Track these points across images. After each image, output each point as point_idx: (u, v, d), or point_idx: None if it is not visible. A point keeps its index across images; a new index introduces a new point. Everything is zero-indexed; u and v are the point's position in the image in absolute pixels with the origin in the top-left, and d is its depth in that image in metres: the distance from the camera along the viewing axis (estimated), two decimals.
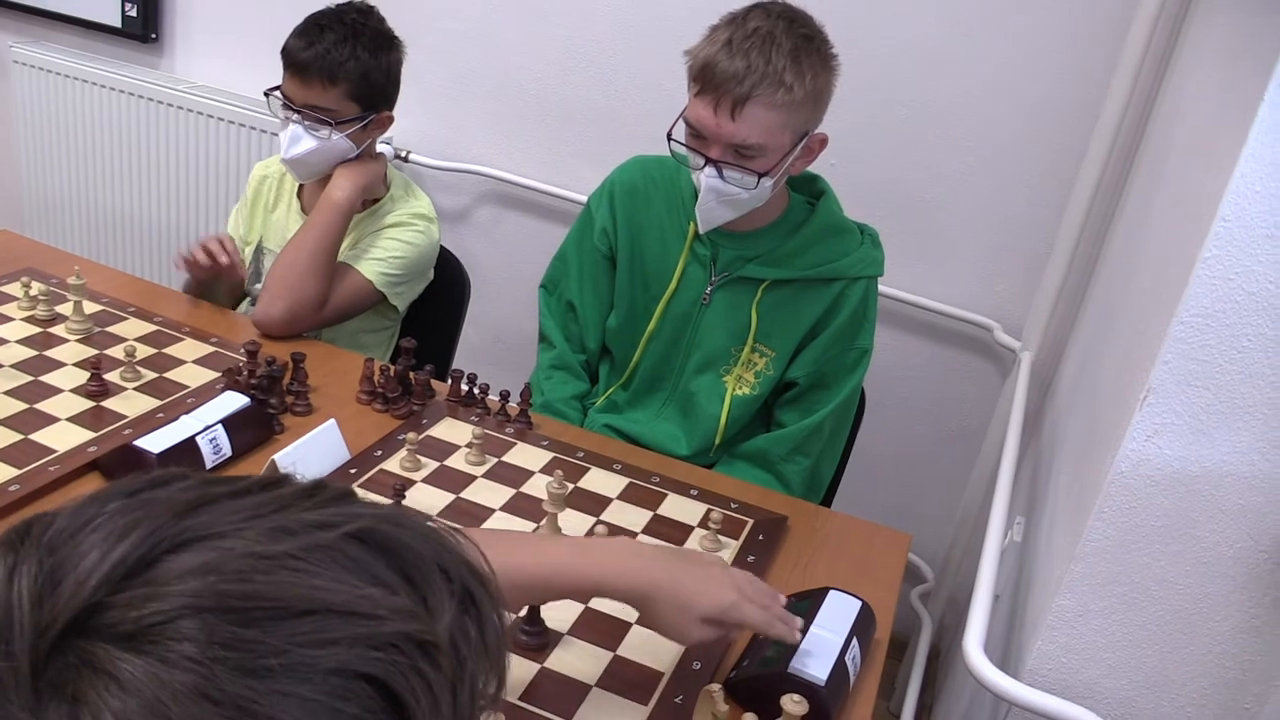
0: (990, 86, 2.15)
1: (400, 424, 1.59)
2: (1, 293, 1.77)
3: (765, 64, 1.45)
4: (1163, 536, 1.10)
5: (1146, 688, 1.16)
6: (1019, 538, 1.70)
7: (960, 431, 2.40)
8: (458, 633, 0.51)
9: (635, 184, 1.77)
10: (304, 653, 0.45)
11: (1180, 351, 1.04)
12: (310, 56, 1.75)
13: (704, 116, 1.51)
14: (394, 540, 0.52)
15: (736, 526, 1.46)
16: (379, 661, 0.47)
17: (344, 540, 0.50)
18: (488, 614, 0.54)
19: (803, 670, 1.12)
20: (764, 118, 1.48)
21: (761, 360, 1.70)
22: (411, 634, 0.48)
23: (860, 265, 1.67)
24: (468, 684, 0.51)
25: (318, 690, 0.45)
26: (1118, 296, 1.56)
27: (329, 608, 0.47)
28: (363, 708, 0.46)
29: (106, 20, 2.95)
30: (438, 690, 0.49)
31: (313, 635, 0.45)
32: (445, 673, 0.49)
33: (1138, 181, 1.83)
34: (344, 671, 0.46)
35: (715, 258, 1.69)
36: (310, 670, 0.45)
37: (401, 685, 0.47)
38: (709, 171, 1.53)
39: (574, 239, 1.84)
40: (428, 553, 0.52)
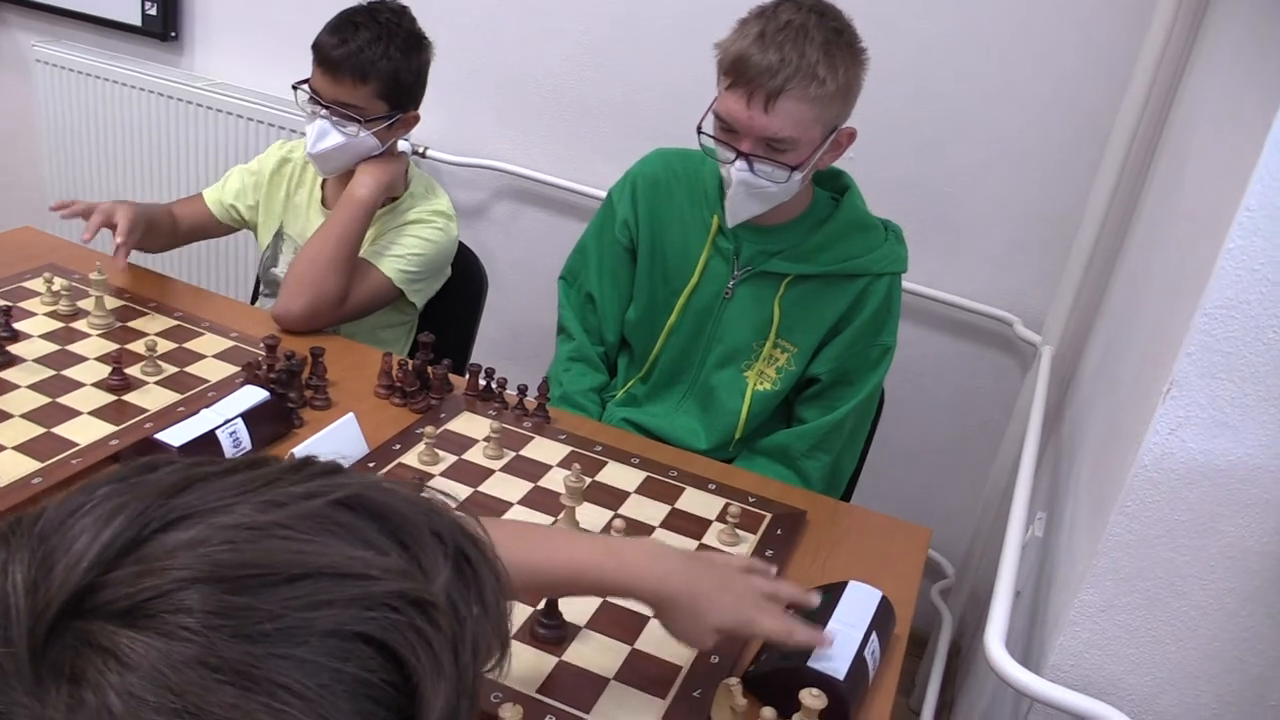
0: (1009, 79, 2.13)
1: (418, 418, 1.59)
2: (24, 288, 1.78)
3: (799, 57, 1.45)
4: (1187, 531, 1.09)
5: (1170, 684, 1.15)
6: (1040, 533, 1.69)
7: (981, 426, 2.38)
8: (455, 592, 0.52)
9: (657, 176, 1.76)
10: (298, 616, 0.45)
11: (1204, 343, 1.02)
12: (343, 54, 1.75)
13: (736, 110, 1.50)
14: (383, 505, 0.52)
15: (754, 521, 1.45)
16: (374, 621, 0.47)
17: (332, 507, 0.50)
18: (485, 576, 0.54)
19: (821, 665, 1.11)
20: (796, 111, 1.48)
21: (783, 356, 1.69)
22: (405, 592, 0.49)
23: (885, 261, 1.66)
24: (469, 643, 0.51)
25: (315, 652, 0.45)
26: (1140, 289, 1.55)
27: (320, 571, 0.47)
28: (362, 667, 0.46)
29: (127, 19, 2.97)
30: (438, 648, 0.49)
31: (306, 599, 0.46)
32: (444, 631, 0.49)
33: (1160, 172, 1.81)
34: (340, 633, 0.46)
35: (738, 252, 1.68)
36: (306, 633, 0.45)
37: (399, 643, 0.47)
38: (739, 165, 1.53)
39: (594, 231, 1.83)
40: (418, 516, 0.53)
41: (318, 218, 1.95)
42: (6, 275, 1.81)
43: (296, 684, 0.44)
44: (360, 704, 0.46)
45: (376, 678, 0.46)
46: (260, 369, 1.57)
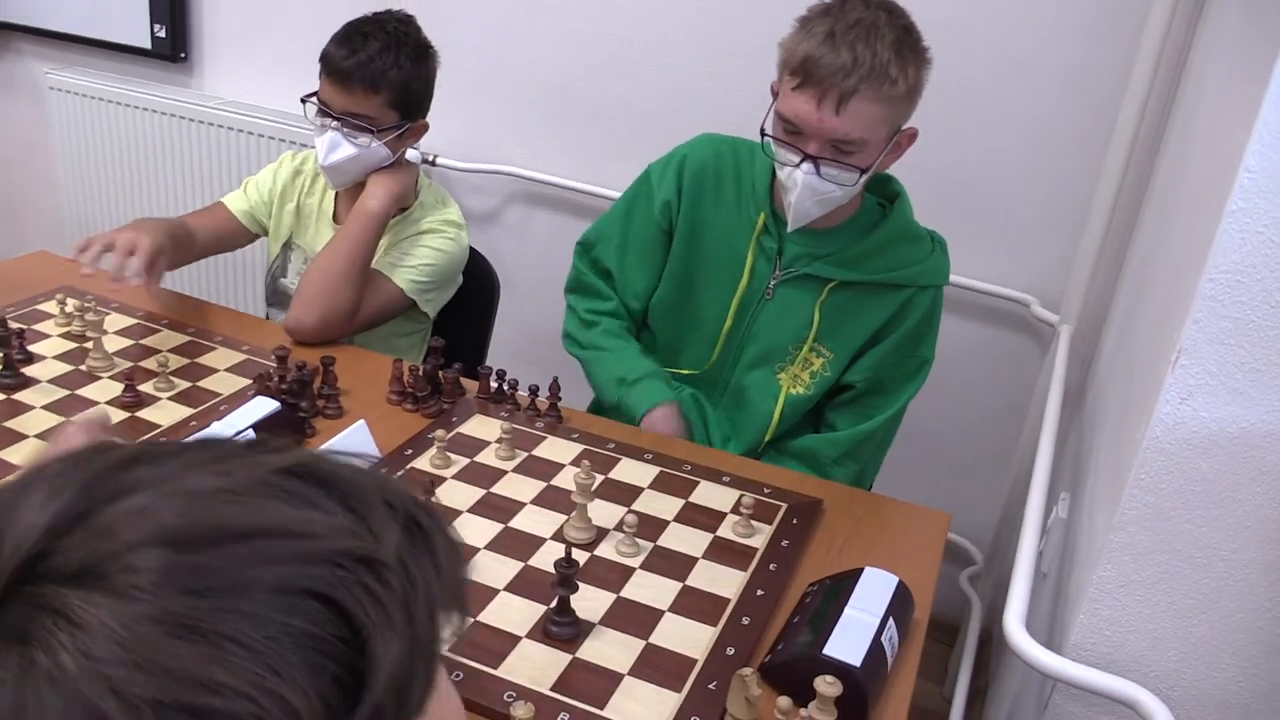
0: (1016, 60, 2.11)
1: (431, 422, 1.59)
2: (39, 310, 1.80)
3: (871, 56, 1.41)
4: (1203, 501, 1.07)
5: (1195, 658, 1.13)
6: (1064, 514, 1.67)
7: (1004, 410, 2.36)
8: (406, 554, 0.52)
9: (706, 164, 1.70)
10: (245, 572, 0.46)
11: (1211, 309, 1.00)
12: (353, 65, 1.75)
13: (805, 111, 1.45)
14: (331, 473, 0.53)
15: (770, 511, 1.44)
16: (321, 577, 0.47)
17: (279, 475, 0.51)
18: (439, 541, 0.55)
19: (837, 653, 1.10)
20: (868, 112, 1.44)
21: (818, 360, 1.67)
22: (352, 550, 0.49)
23: (930, 274, 1.64)
24: (423, 604, 0.52)
25: (262, 606, 0.45)
26: (1152, 261, 1.53)
27: (267, 531, 0.48)
28: (310, 622, 0.46)
29: (137, 42, 2.99)
30: (388, 605, 0.49)
31: (252, 556, 0.47)
32: (395, 589, 0.49)
33: (1171, 144, 1.79)
34: (286, 588, 0.46)
35: (781, 251, 1.65)
36: (253, 588, 0.46)
37: (347, 599, 0.47)
38: (806, 168, 1.48)
39: (623, 207, 1.78)
40: (368, 483, 0.53)
41: (327, 229, 1.95)
42: (22, 299, 1.83)
43: (244, 636, 0.44)
44: (309, 657, 0.46)
45: (325, 632, 0.47)
46: (271, 380, 1.57)
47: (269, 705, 0.44)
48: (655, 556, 1.32)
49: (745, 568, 1.31)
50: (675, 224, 1.71)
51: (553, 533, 1.34)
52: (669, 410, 1.68)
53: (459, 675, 1.08)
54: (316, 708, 0.45)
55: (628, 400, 1.69)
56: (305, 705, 0.45)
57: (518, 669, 1.10)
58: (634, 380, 1.70)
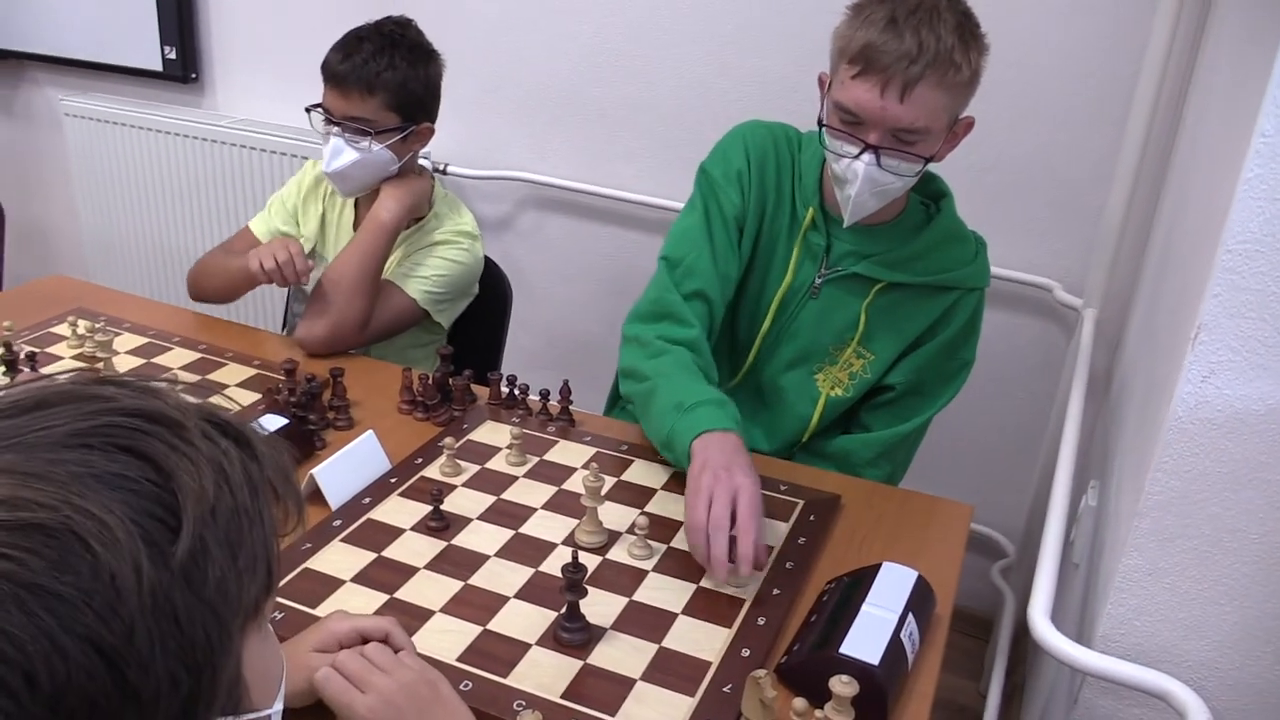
0: (1029, 40, 2.07)
1: (441, 430, 1.57)
2: (52, 333, 1.80)
3: (936, 42, 1.35)
4: (1230, 483, 1.03)
5: (1228, 646, 1.08)
6: (1094, 502, 1.62)
7: (1030, 398, 2.31)
8: (210, 431, 0.57)
9: (766, 150, 1.62)
10: (37, 433, 0.52)
11: (1229, 282, 0.96)
12: (348, 68, 1.75)
13: (867, 100, 1.39)
14: (127, 378, 0.60)
15: (786, 509, 1.41)
16: (120, 428, 0.53)
17: (76, 382, 0.58)
18: (249, 431, 0.60)
19: (854, 652, 1.07)
20: (932, 99, 1.38)
21: (859, 363, 1.62)
22: (147, 410, 0.55)
23: (976, 276, 1.60)
24: (238, 467, 0.56)
25: (62, 452, 0.51)
26: (1173, 238, 1.48)
27: (51, 402, 0.54)
28: (114, 463, 0.52)
29: (148, 65, 3.01)
30: (195, 459, 0.54)
31: (42, 419, 0.53)
32: (200, 449, 0.54)
33: (1189, 117, 1.74)
34: (85, 442, 0.52)
35: (828, 249, 1.60)
36: (49, 440, 0.52)
37: (150, 448, 0.53)
38: (866, 159, 1.42)
39: (700, 218, 1.61)
40: (166, 386, 0.60)
41: (347, 239, 1.94)
42: (36, 322, 1.83)
43: (45, 471, 0.49)
44: (117, 494, 0.51)
45: (132, 473, 0.52)
46: (280, 394, 1.56)
47: (77, 516, 0.48)
48: (668, 558, 1.29)
49: (761, 567, 1.27)
50: (746, 216, 1.62)
51: (564, 538, 1.32)
52: (725, 438, 1.35)
53: (468, 685, 1.06)
54: (130, 529, 0.49)
55: (678, 428, 1.39)
56: (116, 522, 0.49)
57: (527, 676, 1.08)
58: (691, 405, 1.41)
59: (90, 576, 0.48)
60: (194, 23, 2.96)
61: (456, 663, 1.09)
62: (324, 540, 1.28)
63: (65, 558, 0.47)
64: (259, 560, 0.56)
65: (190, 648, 0.51)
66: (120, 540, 0.49)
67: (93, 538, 0.48)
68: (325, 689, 0.95)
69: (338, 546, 1.27)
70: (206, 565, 0.52)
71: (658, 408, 1.46)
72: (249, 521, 0.56)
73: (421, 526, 1.32)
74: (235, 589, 0.54)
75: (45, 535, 0.48)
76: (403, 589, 1.20)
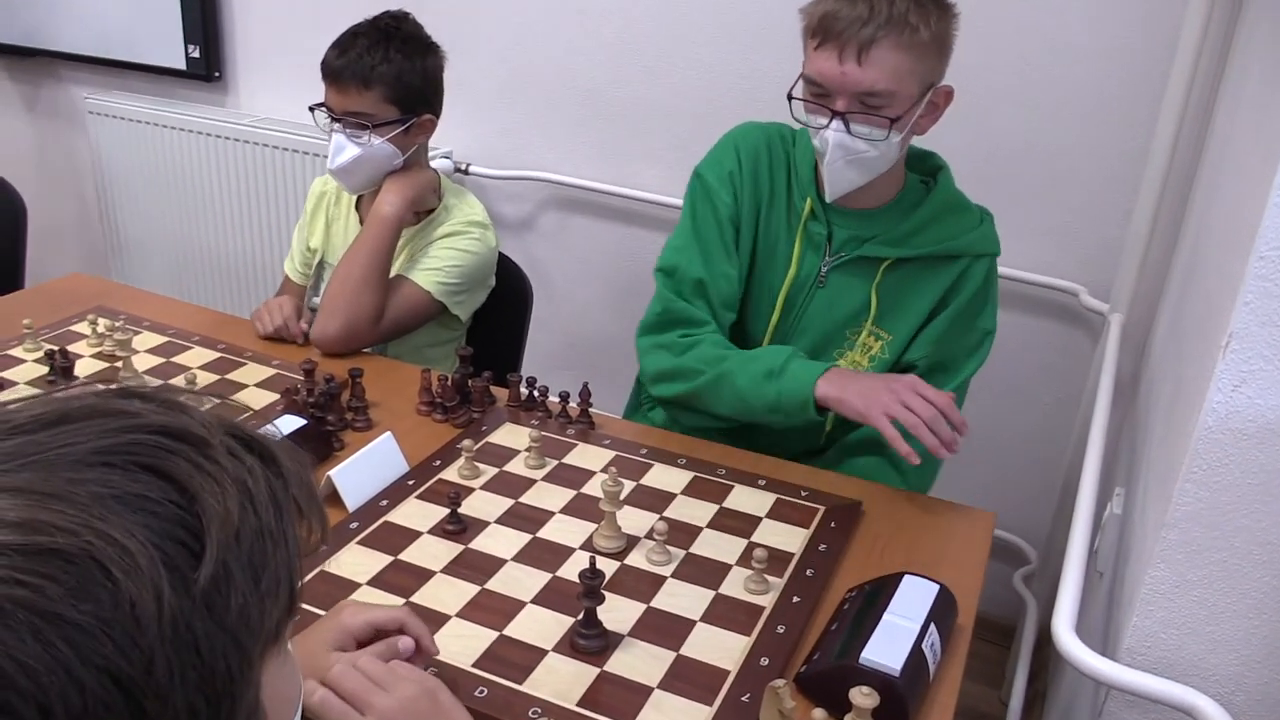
0: (1057, 42, 2.04)
1: (460, 432, 1.56)
2: (72, 331, 1.80)
3: (889, 6, 1.39)
4: (1260, 494, 1.01)
5: (1257, 661, 1.06)
6: (1119, 510, 1.60)
7: (1055, 404, 2.28)
8: (235, 448, 0.55)
9: (759, 150, 1.65)
10: (58, 450, 0.50)
11: (1261, 289, 0.94)
12: (344, 63, 1.76)
13: (827, 68, 1.43)
14: (152, 390, 0.57)
15: (807, 515, 1.39)
16: (142, 445, 0.51)
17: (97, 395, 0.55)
18: (274, 448, 0.58)
19: (875, 661, 1.05)
20: (892, 60, 1.41)
21: (877, 344, 1.61)
22: (173, 426, 0.53)
23: (983, 242, 1.59)
24: (263, 486, 0.54)
25: (83, 471, 0.49)
26: (1202, 243, 1.46)
27: (74, 417, 0.52)
28: (136, 483, 0.50)
29: (172, 64, 3.02)
30: (219, 479, 0.52)
31: (69, 434, 0.51)
32: (225, 467, 0.52)
33: (1219, 120, 1.71)
34: (108, 460, 0.50)
35: (830, 237, 1.60)
36: (71, 458, 0.49)
37: (173, 467, 0.51)
38: (835, 126, 1.45)
39: (689, 222, 1.65)
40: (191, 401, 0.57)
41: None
42: (56, 320, 1.84)
43: (65, 493, 0.47)
44: (139, 516, 0.48)
45: (155, 494, 0.50)
46: (299, 394, 1.56)
47: (98, 541, 0.46)
48: (687, 564, 1.28)
49: (781, 574, 1.26)
50: (740, 216, 1.64)
51: (582, 542, 1.31)
52: (835, 374, 1.49)
53: (483, 691, 1.05)
54: (152, 554, 0.47)
55: (787, 391, 1.49)
56: (137, 547, 0.47)
57: (543, 683, 1.07)
58: (780, 367, 1.50)
59: (110, 605, 0.46)
60: (217, 22, 2.96)
61: (472, 668, 1.08)
62: (341, 542, 1.27)
63: (84, 585, 0.45)
64: (282, 583, 0.54)
65: (210, 677, 0.49)
66: (142, 567, 0.47)
67: (114, 564, 0.46)
68: (323, 714, 0.93)
69: (354, 549, 1.27)
70: (229, 591, 0.50)
71: (744, 386, 1.52)
72: (273, 543, 0.54)
73: (439, 529, 1.31)
74: (257, 615, 0.52)
75: (64, 561, 0.45)
76: (419, 593, 1.19)
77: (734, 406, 1.55)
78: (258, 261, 2.99)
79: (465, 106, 2.68)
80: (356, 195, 1.95)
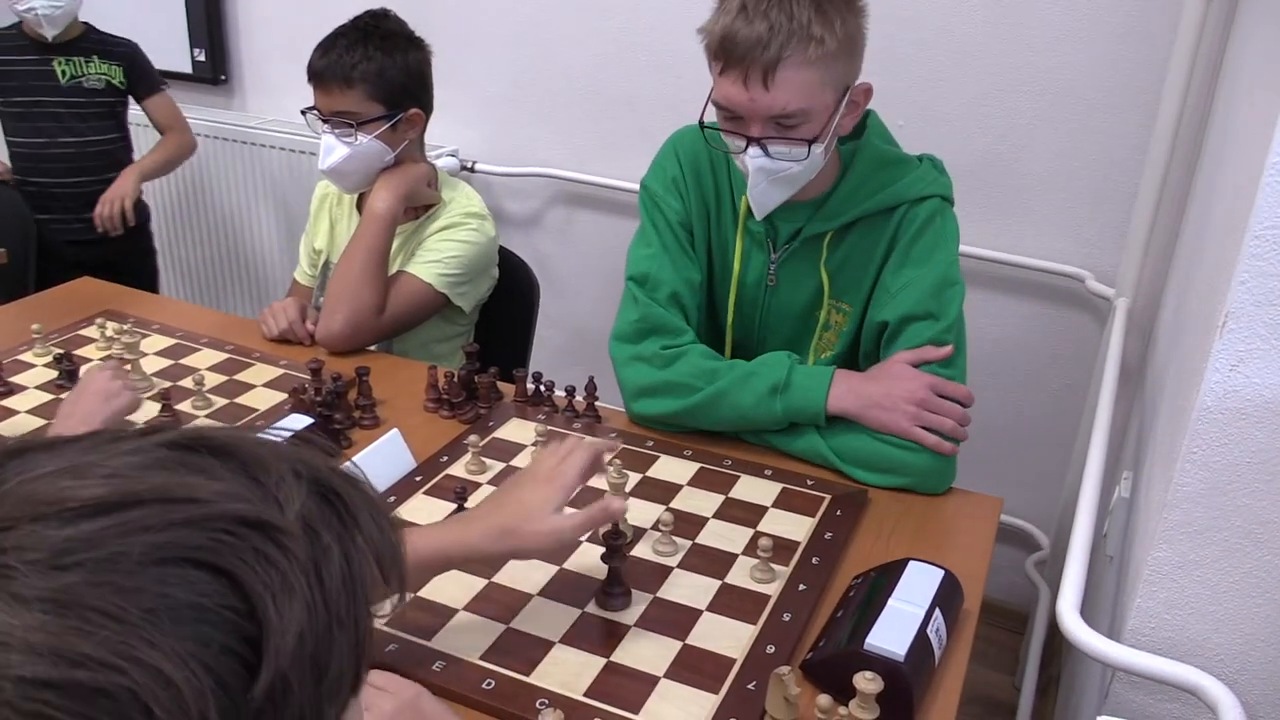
0: (1055, 27, 2.04)
1: (467, 428, 1.58)
2: (81, 335, 1.82)
3: (788, 20, 1.31)
4: (1260, 473, 1.01)
5: (1261, 640, 1.06)
6: (1127, 494, 1.60)
7: (1064, 390, 2.28)
8: (314, 518, 0.49)
9: (699, 152, 1.60)
10: (116, 543, 0.43)
11: (1256, 269, 0.95)
12: (325, 64, 1.79)
13: (734, 94, 1.37)
14: (228, 442, 0.50)
15: (813, 504, 1.40)
16: (204, 543, 0.45)
17: (167, 446, 0.49)
18: (358, 504, 0.52)
19: (880, 646, 1.06)
20: (800, 79, 1.34)
21: (842, 317, 1.58)
22: (242, 515, 0.46)
23: (919, 185, 1.51)
24: (336, 569, 0.48)
25: (136, 578, 0.43)
26: (1203, 225, 1.46)
27: (142, 499, 0.45)
28: (193, 591, 0.44)
29: (178, 67, 3.04)
30: (288, 572, 0.46)
31: (125, 525, 0.44)
32: (297, 556, 0.47)
33: (1220, 103, 1.71)
34: (164, 558, 0.44)
35: (773, 236, 1.58)
36: (125, 559, 0.43)
37: (236, 566, 0.45)
38: (753, 152, 1.40)
39: (649, 232, 1.62)
40: (272, 452, 0.50)
41: None
42: (65, 324, 1.86)
43: (113, 608, 0.42)
44: (193, 629, 0.43)
45: (212, 602, 0.44)
46: (306, 393, 1.57)
47: (141, 678, 0.41)
48: (693, 555, 1.29)
49: (787, 563, 1.27)
50: (691, 220, 1.61)
51: (588, 535, 1.31)
52: (840, 380, 1.46)
53: (490, 684, 1.06)
54: (202, 680, 0.43)
55: (796, 406, 1.46)
56: (185, 677, 0.42)
57: (550, 675, 1.08)
58: (785, 382, 1.46)
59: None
60: (223, 25, 2.98)
61: (480, 660, 1.09)
62: None
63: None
64: (345, 676, 0.49)
65: None
66: (189, 706, 0.42)
67: (157, 704, 0.42)
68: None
69: None
70: (285, 702, 0.46)
71: (747, 403, 1.48)
72: (341, 631, 0.48)
73: None
74: (314, 714, 0.48)
75: (104, 698, 0.41)
76: (426, 587, 1.20)
77: (733, 423, 1.52)
78: (265, 262, 3.01)
79: (471, 104, 2.70)
80: (355, 194, 1.97)
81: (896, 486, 1.45)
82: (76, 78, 2.65)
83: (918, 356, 1.46)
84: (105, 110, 2.72)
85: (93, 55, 2.67)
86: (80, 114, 2.68)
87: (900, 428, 1.42)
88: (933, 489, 1.46)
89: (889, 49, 2.13)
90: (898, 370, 1.46)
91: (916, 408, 1.42)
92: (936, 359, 1.46)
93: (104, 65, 2.68)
